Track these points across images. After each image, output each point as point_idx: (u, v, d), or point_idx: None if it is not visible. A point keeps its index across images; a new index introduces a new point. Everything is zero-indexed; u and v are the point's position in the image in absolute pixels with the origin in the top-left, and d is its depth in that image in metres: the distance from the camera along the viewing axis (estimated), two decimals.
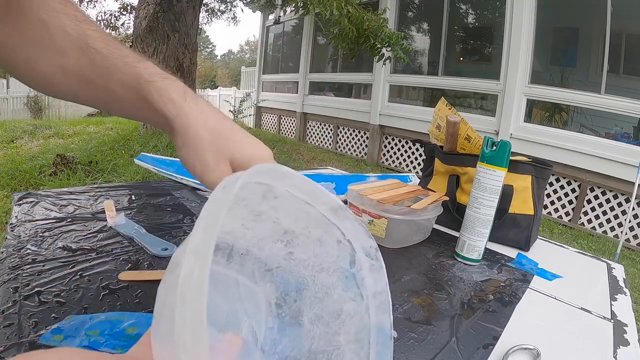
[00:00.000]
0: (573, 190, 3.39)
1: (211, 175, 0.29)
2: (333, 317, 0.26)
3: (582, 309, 0.52)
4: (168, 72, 0.32)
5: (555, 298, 0.55)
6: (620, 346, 0.44)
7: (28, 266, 0.44)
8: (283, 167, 0.23)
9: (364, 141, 5.36)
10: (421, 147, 4.48)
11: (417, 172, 4.47)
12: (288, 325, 0.28)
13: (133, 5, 6.09)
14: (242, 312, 0.27)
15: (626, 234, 2.66)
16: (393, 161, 4.97)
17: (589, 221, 3.30)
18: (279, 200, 0.26)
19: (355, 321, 0.25)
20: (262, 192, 0.25)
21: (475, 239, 0.61)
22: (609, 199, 3.18)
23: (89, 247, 0.51)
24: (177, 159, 0.96)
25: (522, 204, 0.71)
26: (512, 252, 0.70)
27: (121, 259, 0.49)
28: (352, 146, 5.59)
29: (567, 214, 3.43)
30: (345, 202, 0.73)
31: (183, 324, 0.15)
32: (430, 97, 4.72)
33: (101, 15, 6.34)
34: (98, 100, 0.32)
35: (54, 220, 0.58)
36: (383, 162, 5.07)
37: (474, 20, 4.48)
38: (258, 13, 7.98)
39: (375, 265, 0.25)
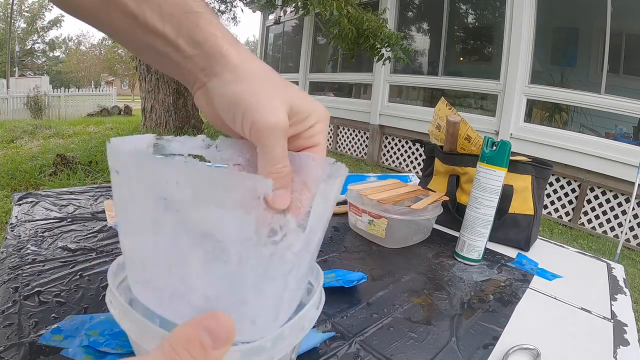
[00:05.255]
0: (573, 190, 3.39)
1: (270, 116, 0.24)
2: None
3: (582, 309, 0.52)
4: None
5: (555, 298, 0.55)
6: (620, 346, 0.44)
7: (28, 266, 0.44)
8: None
9: (364, 141, 5.36)
10: (421, 147, 4.49)
11: (417, 172, 4.47)
12: None
13: None
14: None
15: (626, 234, 2.66)
16: (393, 161, 4.97)
17: (589, 221, 3.30)
18: None
19: None
20: None
21: (475, 239, 0.61)
22: (609, 199, 3.18)
23: (89, 247, 0.51)
24: None
25: (522, 204, 0.71)
26: (512, 252, 0.70)
27: None
28: (352, 146, 5.59)
29: (567, 214, 3.43)
30: (345, 202, 0.73)
31: None
32: (430, 97, 4.72)
33: None
34: (138, 47, 0.27)
35: (54, 220, 0.58)
36: (383, 162, 5.07)
37: (474, 20, 4.48)
38: (258, 13, 7.98)
39: None
